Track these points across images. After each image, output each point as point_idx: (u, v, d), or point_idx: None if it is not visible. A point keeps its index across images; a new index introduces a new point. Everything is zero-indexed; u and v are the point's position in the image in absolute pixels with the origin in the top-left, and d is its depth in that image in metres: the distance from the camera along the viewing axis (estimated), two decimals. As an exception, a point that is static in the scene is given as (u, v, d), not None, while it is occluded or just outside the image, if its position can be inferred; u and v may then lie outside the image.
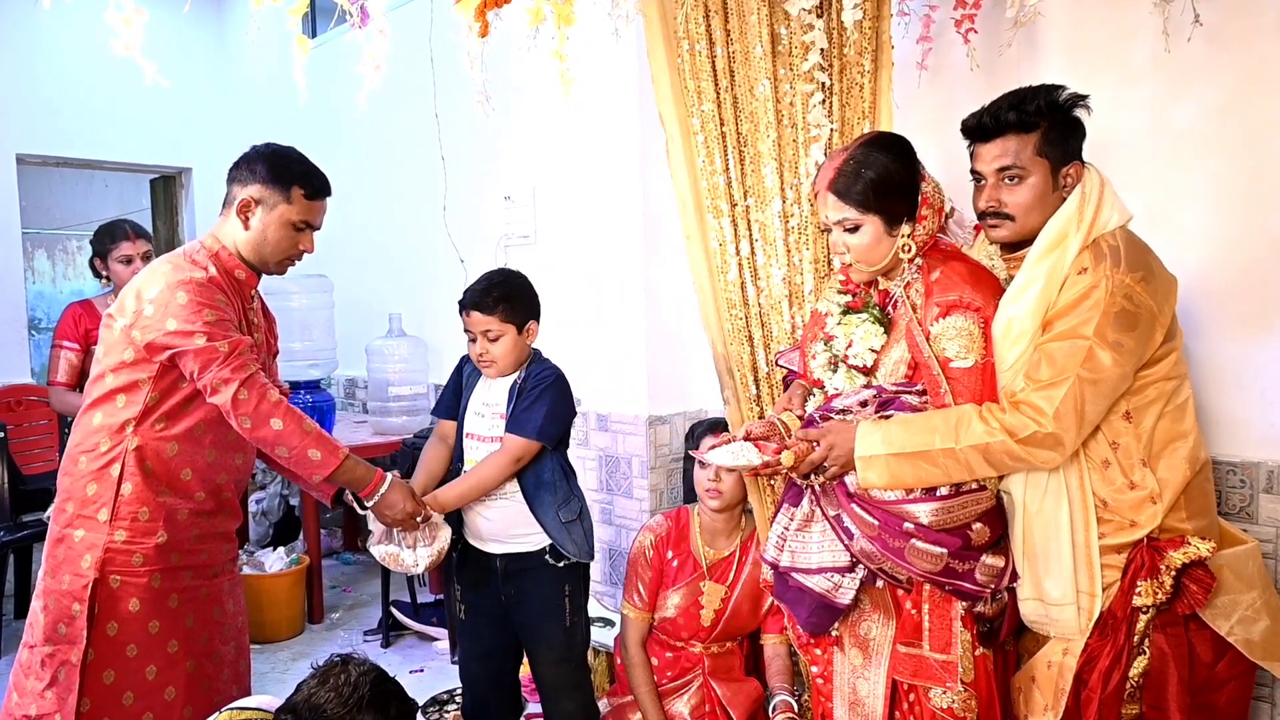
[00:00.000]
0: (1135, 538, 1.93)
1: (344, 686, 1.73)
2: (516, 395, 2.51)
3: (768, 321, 2.55)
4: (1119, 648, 1.94)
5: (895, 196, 2.00)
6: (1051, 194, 1.97)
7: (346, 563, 5.12)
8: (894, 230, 2.02)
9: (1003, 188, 2.00)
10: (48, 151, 5.85)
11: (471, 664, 2.71)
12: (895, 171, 2.00)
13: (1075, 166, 1.98)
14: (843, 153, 2.04)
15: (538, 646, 2.60)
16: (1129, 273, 1.87)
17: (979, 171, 2.04)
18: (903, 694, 2.09)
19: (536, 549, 2.55)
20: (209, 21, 6.39)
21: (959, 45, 2.60)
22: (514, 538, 2.55)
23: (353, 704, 1.71)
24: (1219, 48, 2.37)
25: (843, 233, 2.04)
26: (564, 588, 2.57)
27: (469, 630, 2.69)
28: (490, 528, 2.56)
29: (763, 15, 2.41)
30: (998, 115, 1.98)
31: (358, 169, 5.27)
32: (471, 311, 2.49)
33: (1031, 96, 1.96)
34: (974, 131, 2.04)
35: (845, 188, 2.00)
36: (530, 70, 3.55)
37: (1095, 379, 1.85)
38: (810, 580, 2.09)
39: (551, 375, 2.55)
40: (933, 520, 1.95)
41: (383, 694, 1.76)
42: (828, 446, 2.01)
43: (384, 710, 1.74)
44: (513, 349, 2.51)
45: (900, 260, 2.04)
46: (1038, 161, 1.96)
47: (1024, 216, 1.99)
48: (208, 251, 2.27)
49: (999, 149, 1.99)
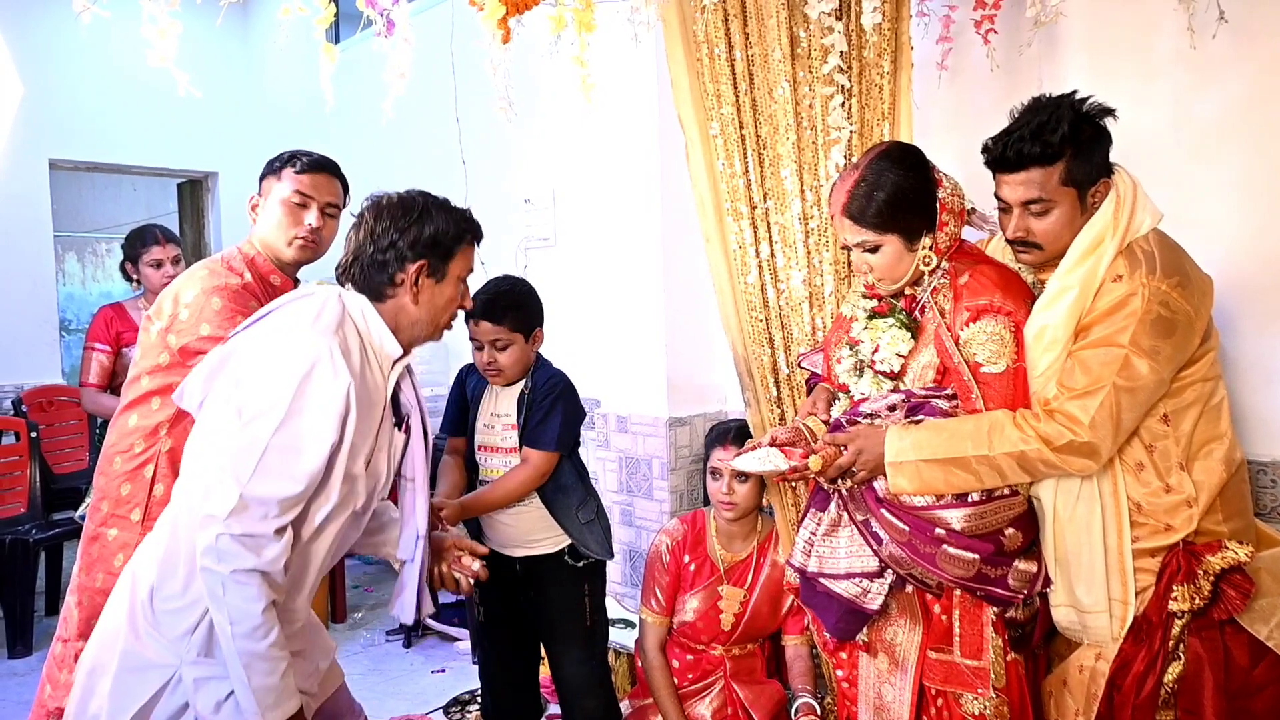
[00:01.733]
0: (1170, 541, 1.90)
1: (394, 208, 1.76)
2: (527, 407, 2.52)
3: (788, 323, 2.56)
4: (1154, 653, 1.91)
5: (911, 212, 1.97)
6: (1080, 217, 1.93)
7: (368, 563, 5.15)
8: (914, 245, 1.99)
9: (1030, 218, 1.95)
10: (79, 157, 5.94)
11: (491, 666, 2.73)
12: (909, 187, 1.96)
13: (1103, 184, 1.93)
14: (854, 172, 2.01)
15: (559, 646, 2.61)
16: (1165, 279, 1.84)
17: (1004, 200, 1.99)
18: (930, 699, 2.06)
19: (555, 550, 2.57)
20: (235, 29, 6.47)
21: (978, 45, 2.60)
22: (532, 542, 2.57)
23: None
24: (1243, 41, 2.36)
25: (863, 253, 2.02)
26: (584, 587, 2.59)
27: (488, 633, 2.71)
28: (510, 533, 2.58)
29: (782, 19, 2.42)
30: (1020, 149, 1.91)
31: (380, 172, 5.30)
32: (480, 321, 2.48)
33: (1053, 125, 1.87)
34: (996, 164, 1.98)
35: (859, 211, 1.97)
36: (551, 75, 3.57)
37: (1132, 387, 1.83)
38: (838, 585, 2.07)
39: (560, 383, 2.56)
40: (965, 526, 1.93)
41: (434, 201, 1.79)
42: (856, 451, 1.99)
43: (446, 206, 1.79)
44: (520, 357, 2.52)
45: (923, 271, 2.02)
46: (1064, 191, 1.91)
47: (1053, 244, 1.95)
48: (244, 257, 2.31)
49: (1023, 182, 1.92)
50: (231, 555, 1.53)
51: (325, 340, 1.60)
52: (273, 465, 1.55)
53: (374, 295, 1.74)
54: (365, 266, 1.72)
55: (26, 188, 5.67)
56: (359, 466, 1.67)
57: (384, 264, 1.72)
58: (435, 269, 1.75)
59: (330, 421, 1.58)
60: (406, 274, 1.72)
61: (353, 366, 1.61)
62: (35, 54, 5.66)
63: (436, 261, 1.75)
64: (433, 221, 1.74)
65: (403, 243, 1.71)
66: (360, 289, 1.74)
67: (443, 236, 1.75)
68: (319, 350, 1.59)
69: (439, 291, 1.77)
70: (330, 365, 1.58)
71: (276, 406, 1.56)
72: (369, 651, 4.00)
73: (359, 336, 1.69)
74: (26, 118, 5.66)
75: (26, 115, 5.65)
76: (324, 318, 1.65)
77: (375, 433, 1.70)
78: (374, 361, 1.71)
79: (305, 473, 1.57)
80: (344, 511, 1.69)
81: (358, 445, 1.64)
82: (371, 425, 1.68)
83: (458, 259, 1.79)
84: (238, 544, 1.53)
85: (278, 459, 1.56)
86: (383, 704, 3.47)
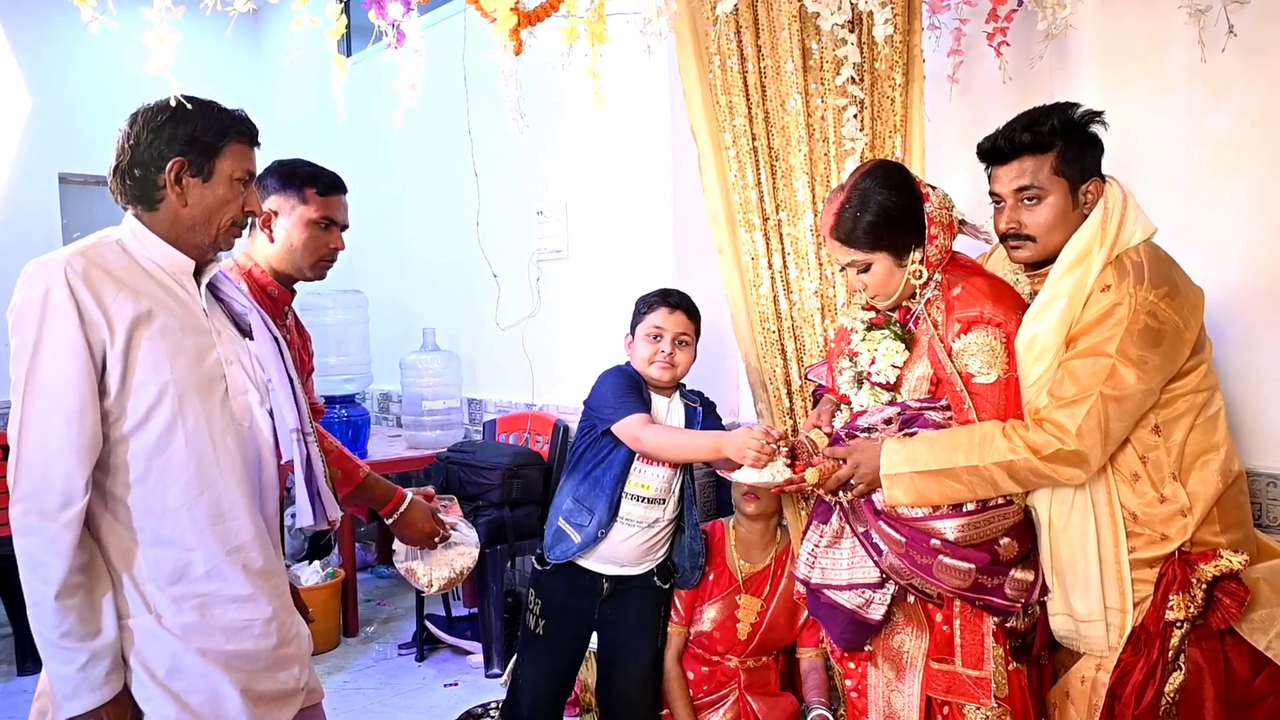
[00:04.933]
0: (1166, 551, 1.91)
1: None
2: (699, 421, 2.55)
3: (800, 334, 2.56)
4: (1153, 663, 1.91)
5: (898, 230, 2.02)
6: (1072, 212, 1.96)
7: (381, 576, 5.15)
8: (903, 260, 2.04)
9: (1022, 209, 1.99)
10: (89, 171, 5.96)
11: (541, 679, 2.62)
12: (892, 206, 2.01)
13: (1095, 183, 1.96)
14: (840, 194, 2.06)
15: (624, 664, 2.59)
16: (1152, 289, 1.85)
17: (998, 194, 2.04)
18: (937, 708, 2.08)
19: (647, 570, 2.56)
20: (247, 42, 6.50)
21: (990, 58, 2.60)
22: (636, 561, 2.55)
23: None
24: (1255, 55, 2.36)
25: (856, 273, 2.08)
26: (661, 608, 2.61)
27: (543, 646, 2.60)
28: (632, 553, 2.53)
29: (794, 31, 2.42)
30: (1012, 137, 1.97)
31: (392, 185, 5.34)
32: (677, 310, 2.50)
33: (1045, 116, 1.95)
34: (989, 154, 2.03)
35: (847, 234, 2.03)
36: (563, 87, 3.58)
37: (1119, 396, 1.84)
38: (841, 596, 2.09)
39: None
40: (959, 536, 1.95)
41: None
42: (854, 465, 2.02)
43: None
44: (691, 360, 2.54)
45: (915, 285, 2.06)
46: (1055, 180, 1.95)
47: (1045, 236, 1.98)
48: (240, 270, 2.30)
49: (1015, 170, 1.98)
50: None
51: (46, 274, 1.57)
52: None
53: (145, 204, 1.71)
54: (124, 173, 1.71)
55: (36, 201, 5.70)
56: (167, 373, 1.62)
57: (144, 165, 1.69)
58: (199, 167, 1.70)
59: (67, 356, 1.54)
60: (166, 174, 1.69)
61: (99, 286, 1.58)
62: (45, 68, 5.69)
63: (198, 158, 1.70)
64: (189, 120, 1.69)
65: (158, 142, 1.68)
66: (131, 201, 1.73)
67: (201, 134, 1.70)
68: (42, 285, 1.56)
69: (209, 191, 1.72)
70: (58, 293, 1.55)
71: (18, 366, 1.56)
72: (381, 665, 3.99)
73: (127, 255, 1.67)
74: (36, 131, 5.69)
75: (36, 129, 5.68)
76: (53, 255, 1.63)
77: (204, 345, 1.69)
78: (161, 278, 1.69)
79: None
80: (180, 427, 1.64)
81: (158, 357, 1.61)
82: (184, 338, 1.66)
83: (226, 157, 1.73)
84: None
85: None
86: (395, 718, 3.46)
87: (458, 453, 4.06)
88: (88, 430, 1.55)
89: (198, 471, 1.65)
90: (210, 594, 1.67)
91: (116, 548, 1.62)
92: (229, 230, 1.78)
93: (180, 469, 1.64)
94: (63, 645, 1.53)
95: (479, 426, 4.71)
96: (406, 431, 4.85)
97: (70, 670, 1.53)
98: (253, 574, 1.72)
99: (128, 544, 1.62)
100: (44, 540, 1.53)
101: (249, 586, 1.71)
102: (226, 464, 1.69)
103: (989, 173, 2.06)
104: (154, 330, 1.62)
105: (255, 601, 1.72)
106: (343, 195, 2.35)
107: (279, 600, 1.78)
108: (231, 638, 1.69)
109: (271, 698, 1.74)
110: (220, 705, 1.66)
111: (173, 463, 1.63)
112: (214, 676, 1.66)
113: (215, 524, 1.67)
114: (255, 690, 1.71)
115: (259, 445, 1.78)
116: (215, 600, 1.67)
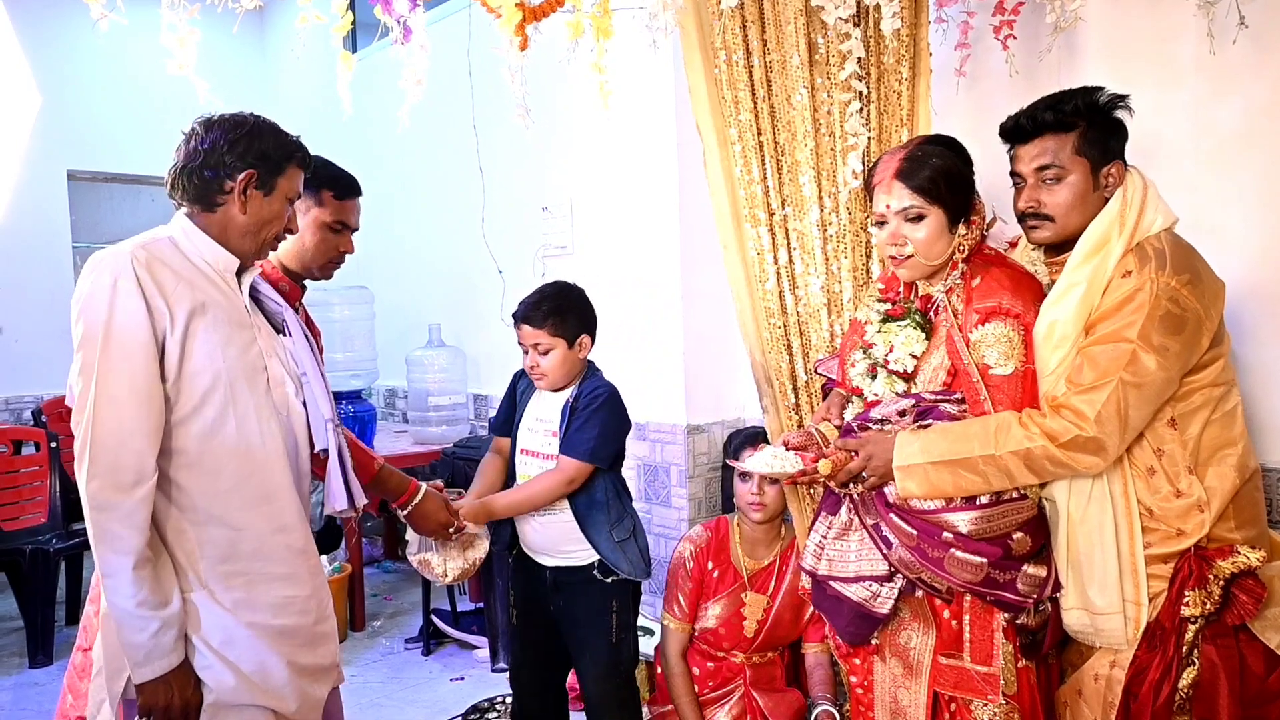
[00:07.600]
0: (1182, 547, 1.89)
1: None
2: (569, 413, 2.52)
3: (806, 330, 2.55)
4: (1168, 659, 1.90)
5: (959, 191, 2.00)
6: (1092, 194, 1.95)
7: (387, 571, 5.17)
8: (953, 228, 2.01)
9: (1042, 188, 1.97)
10: (97, 168, 5.99)
11: (521, 671, 2.71)
12: (958, 169, 2.01)
13: (1116, 166, 1.95)
14: (904, 148, 2.05)
15: (583, 660, 2.59)
16: (1174, 275, 1.83)
17: (1019, 173, 2.03)
18: (944, 704, 2.06)
19: (585, 564, 2.54)
20: (252, 38, 6.51)
21: (997, 51, 2.59)
22: (563, 552, 2.55)
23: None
24: (1264, 48, 2.34)
25: (904, 223, 2.01)
26: (611, 603, 2.56)
27: (520, 637, 2.69)
28: (540, 540, 2.57)
29: (800, 25, 2.41)
30: (1035, 116, 1.97)
31: (398, 181, 5.34)
32: (522, 324, 2.51)
33: (1069, 97, 1.95)
34: (1012, 133, 2.03)
35: (912, 173, 1.99)
36: (569, 82, 3.57)
37: (1139, 382, 1.82)
38: (848, 589, 2.07)
39: (604, 393, 2.54)
40: (972, 529, 1.93)
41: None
42: (866, 457, 2.00)
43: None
44: (563, 363, 2.52)
45: (952, 260, 2.03)
46: (1077, 160, 1.94)
47: (1064, 217, 1.96)
48: None
49: (1037, 149, 1.97)
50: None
51: (113, 265, 1.67)
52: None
53: (205, 205, 1.80)
54: (194, 174, 1.78)
55: (45, 199, 5.73)
56: (220, 362, 1.72)
57: (215, 170, 1.78)
58: (264, 182, 1.82)
59: (135, 342, 1.64)
60: (236, 182, 1.79)
61: (161, 278, 1.69)
62: (54, 65, 5.72)
63: (265, 174, 1.82)
64: (263, 138, 1.82)
65: (233, 153, 1.78)
66: (190, 200, 1.81)
67: (272, 152, 1.82)
68: (110, 275, 1.66)
69: (266, 205, 1.83)
70: (126, 282, 1.65)
71: (88, 352, 1.64)
72: (388, 660, 4.00)
73: (179, 252, 1.77)
74: (45, 129, 5.71)
75: (45, 126, 5.71)
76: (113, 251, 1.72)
77: (248, 338, 1.80)
78: (210, 274, 1.79)
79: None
80: (231, 413, 1.74)
81: (212, 346, 1.71)
82: (233, 331, 1.76)
83: (286, 178, 1.86)
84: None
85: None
86: (401, 712, 3.48)
87: (463, 448, 4.08)
88: (155, 412, 1.66)
89: (248, 454, 1.76)
90: (256, 571, 1.78)
91: (172, 527, 1.72)
92: (271, 242, 1.90)
93: (231, 453, 1.75)
94: (139, 614, 1.63)
95: (484, 422, 4.72)
96: (412, 427, 4.87)
97: (144, 638, 1.64)
98: (294, 553, 1.83)
99: (181, 524, 1.72)
100: (121, 514, 1.62)
101: (290, 565, 1.82)
102: (272, 447, 1.80)
103: (1011, 153, 2.04)
104: (208, 321, 1.73)
105: (297, 579, 1.84)
106: (358, 199, 2.36)
107: (317, 579, 1.89)
108: (277, 613, 1.80)
109: (312, 671, 1.86)
110: (269, 675, 1.78)
111: (225, 446, 1.74)
112: (262, 648, 1.77)
113: (263, 504, 1.78)
114: (299, 663, 1.83)
115: (295, 433, 1.89)
116: (261, 577, 1.78)
